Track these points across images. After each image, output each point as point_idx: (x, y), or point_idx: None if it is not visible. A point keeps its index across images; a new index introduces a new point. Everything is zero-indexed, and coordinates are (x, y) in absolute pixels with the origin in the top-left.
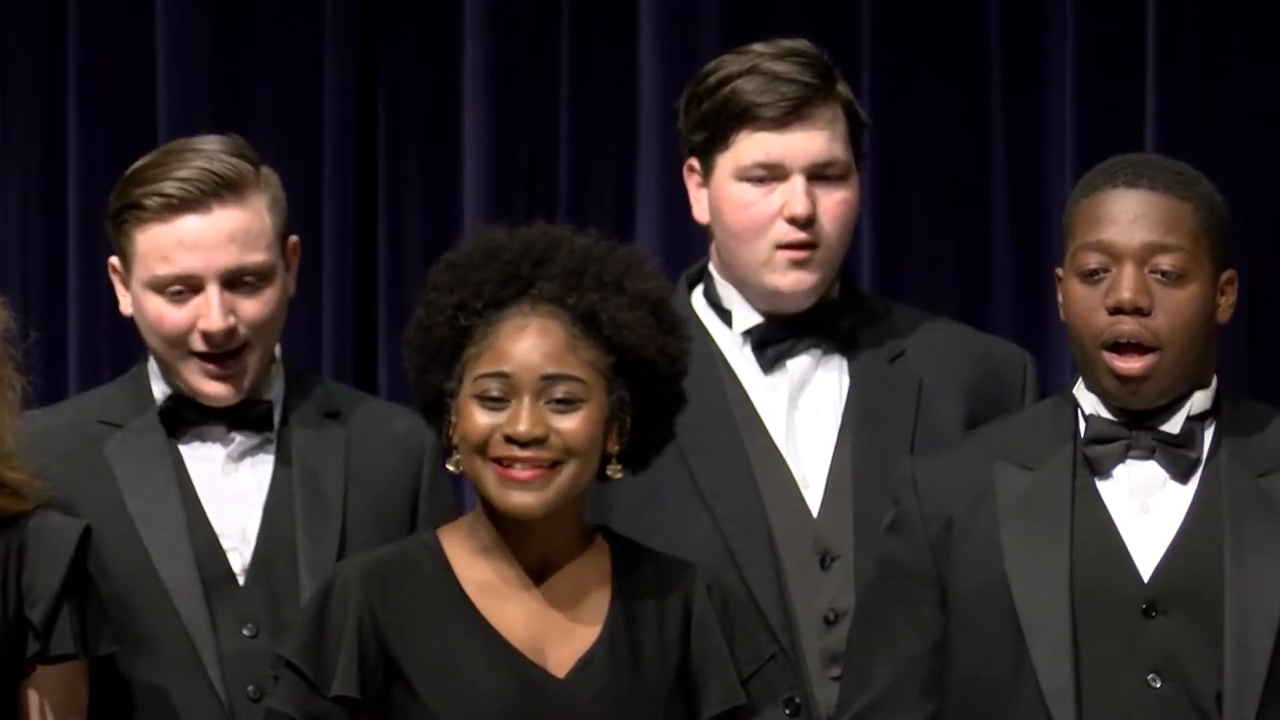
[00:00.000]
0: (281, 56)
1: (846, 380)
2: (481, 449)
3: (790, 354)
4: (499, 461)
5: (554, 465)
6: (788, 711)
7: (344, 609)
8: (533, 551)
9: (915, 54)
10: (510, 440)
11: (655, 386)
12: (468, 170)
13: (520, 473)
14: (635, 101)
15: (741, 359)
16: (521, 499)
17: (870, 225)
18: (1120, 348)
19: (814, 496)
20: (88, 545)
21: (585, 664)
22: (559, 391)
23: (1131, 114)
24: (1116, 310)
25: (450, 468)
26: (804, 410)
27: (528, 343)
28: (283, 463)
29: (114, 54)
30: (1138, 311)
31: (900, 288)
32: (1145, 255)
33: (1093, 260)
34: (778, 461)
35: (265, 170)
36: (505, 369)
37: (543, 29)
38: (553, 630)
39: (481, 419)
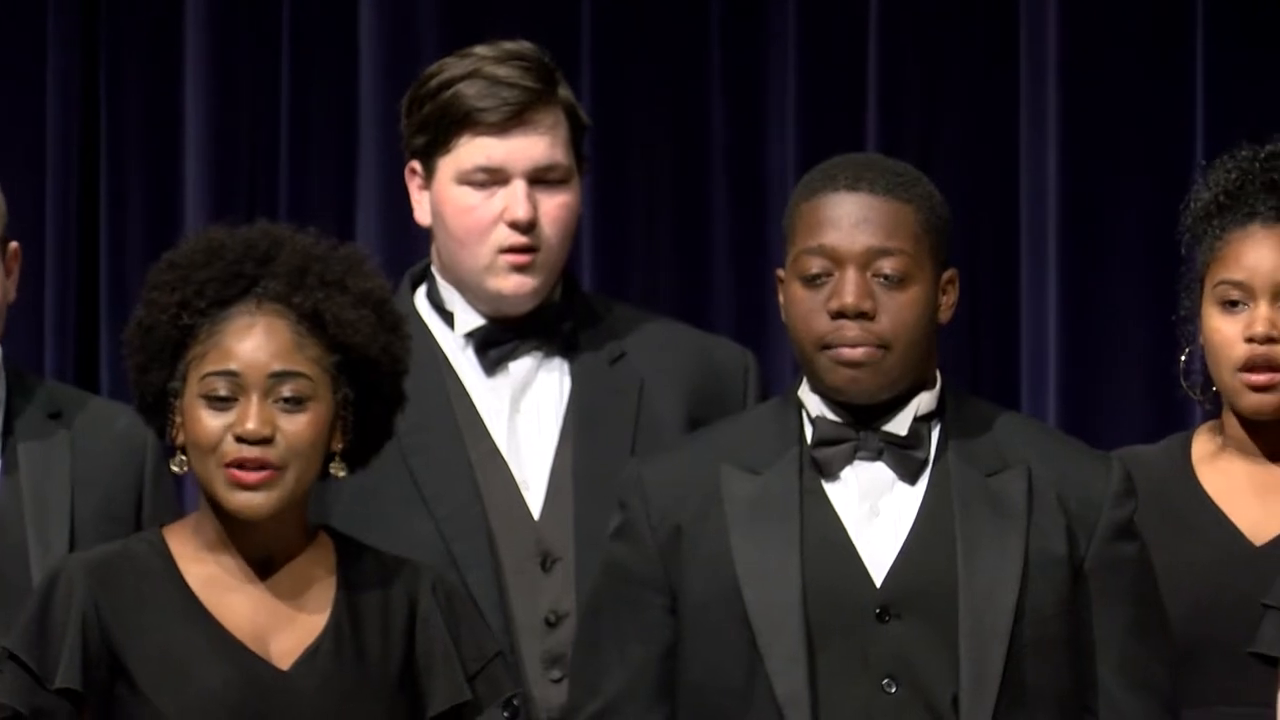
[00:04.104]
0: (2, 57)
1: (568, 382)
2: (213, 451)
3: (512, 356)
4: (229, 465)
5: (280, 467)
6: (506, 715)
7: (68, 603)
8: (257, 547)
9: (635, 55)
10: (240, 439)
11: (378, 385)
12: (188, 170)
13: (249, 475)
14: (355, 102)
15: (464, 360)
16: (249, 500)
17: (591, 226)
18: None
19: (535, 499)
20: None
21: (309, 656)
22: (286, 390)
23: (853, 114)
24: (839, 315)
25: (175, 468)
26: (525, 413)
27: (254, 341)
28: (9, 466)
29: None
30: (861, 316)
31: (621, 288)
32: (867, 260)
33: (814, 265)
34: (499, 464)
35: None
36: (233, 367)
37: (263, 30)
38: (277, 624)
39: (211, 421)
